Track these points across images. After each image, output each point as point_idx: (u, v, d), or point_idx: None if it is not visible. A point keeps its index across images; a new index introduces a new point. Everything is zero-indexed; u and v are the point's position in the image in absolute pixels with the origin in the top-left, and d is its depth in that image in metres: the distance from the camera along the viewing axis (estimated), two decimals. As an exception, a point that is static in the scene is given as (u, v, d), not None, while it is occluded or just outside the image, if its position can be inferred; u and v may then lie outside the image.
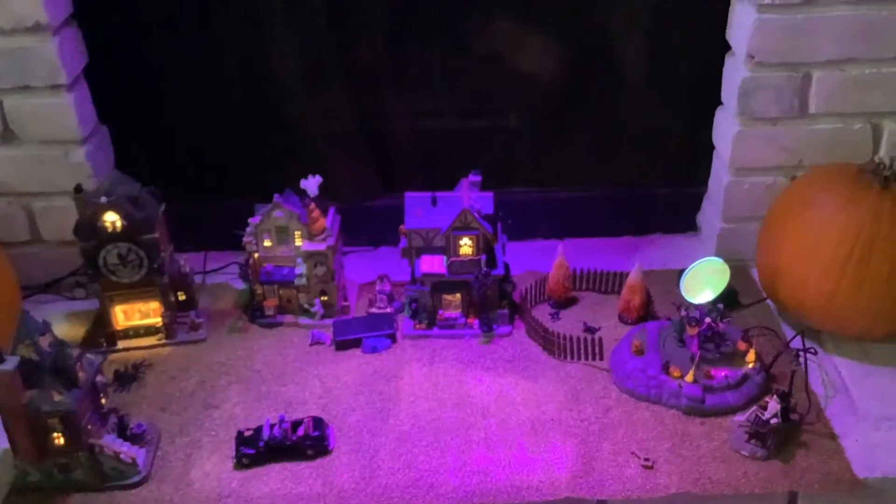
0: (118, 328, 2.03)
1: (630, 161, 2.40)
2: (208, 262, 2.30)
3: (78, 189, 1.90)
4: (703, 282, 1.84)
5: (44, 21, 1.92)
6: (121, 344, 2.03)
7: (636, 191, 2.42)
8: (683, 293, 1.84)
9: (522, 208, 2.40)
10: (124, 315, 2.04)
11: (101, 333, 2.03)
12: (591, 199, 2.43)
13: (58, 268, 2.19)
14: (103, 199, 1.87)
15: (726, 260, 2.20)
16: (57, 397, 1.58)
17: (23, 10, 1.91)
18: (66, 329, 2.11)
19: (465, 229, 1.95)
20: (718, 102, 2.20)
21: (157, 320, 2.04)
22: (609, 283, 2.17)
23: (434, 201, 2.00)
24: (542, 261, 2.23)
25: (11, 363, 1.54)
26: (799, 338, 1.92)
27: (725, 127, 2.14)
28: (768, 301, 2.08)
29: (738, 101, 2.04)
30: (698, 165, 2.33)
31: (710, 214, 2.28)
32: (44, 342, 1.60)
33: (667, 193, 2.42)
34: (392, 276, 2.16)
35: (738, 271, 2.15)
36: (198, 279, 2.23)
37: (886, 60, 1.99)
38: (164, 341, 2.04)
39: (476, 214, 1.94)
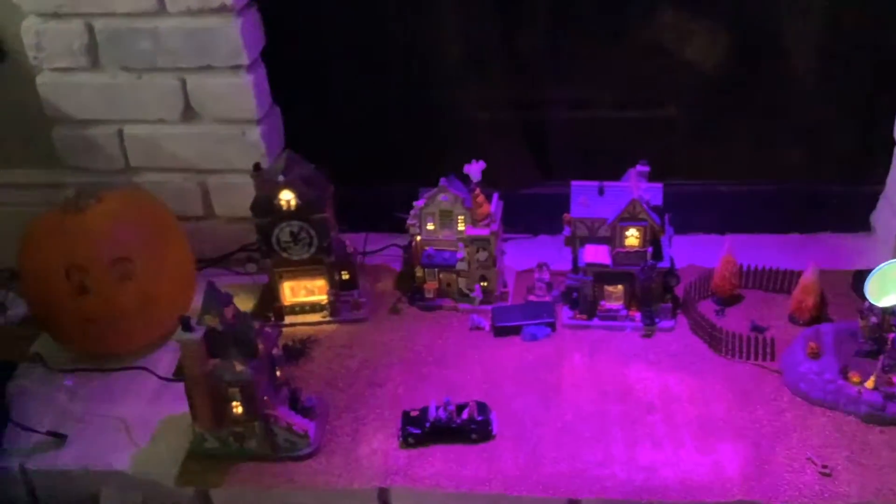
0: (285, 304, 2.09)
1: (799, 154, 2.31)
2: (368, 244, 2.34)
3: (256, 167, 1.96)
4: (890, 284, 1.75)
5: (228, 2, 1.98)
6: (287, 319, 2.08)
7: (805, 186, 2.32)
8: (868, 295, 1.75)
9: (683, 201, 2.32)
10: (291, 291, 2.09)
11: (269, 308, 2.09)
12: (755, 193, 2.35)
13: (227, 243, 2.27)
14: (280, 178, 1.92)
15: (903, 263, 2.10)
16: (238, 367, 1.64)
17: (209, -8, 1.98)
18: (235, 302, 2.18)
19: (632, 220, 1.91)
20: (902, 95, 2.09)
21: (322, 298, 2.08)
22: (778, 282, 2.09)
23: (601, 190, 1.98)
24: (704, 255, 2.18)
25: (199, 332, 1.61)
26: None
27: (912, 121, 2.03)
28: (953, 308, 1.96)
29: (930, 95, 1.93)
30: (874, 161, 2.22)
31: (888, 214, 2.17)
32: (228, 313, 1.65)
33: (839, 191, 2.31)
34: (550, 265, 2.14)
35: (918, 275, 2.04)
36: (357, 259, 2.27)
37: None
38: (328, 319, 2.08)
39: (645, 205, 1.90)
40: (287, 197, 1.95)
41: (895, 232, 2.12)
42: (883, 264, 1.76)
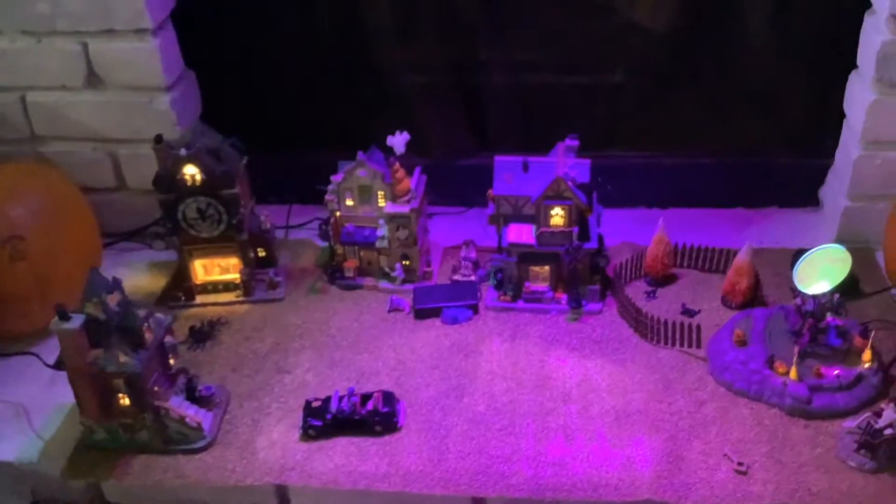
0: (197, 282, 1.99)
1: (747, 126, 2.19)
2: (293, 216, 2.23)
3: (158, 139, 1.85)
4: (820, 271, 1.65)
5: (129, -39, 1.85)
6: (199, 299, 1.99)
7: (752, 159, 2.21)
8: (796, 282, 1.66)
9: (624, 173, 2.25)
10: (204, 269, 1.99)
11: (180, 287, 1.99)
12: (701, 165, 2.24)
13: (142, 216, 2.16)
14: (182, 152, 1.81)
15: (850, 241, 2.00)
16: (122, 358, 1.54)
17: (108, -48, 1.85)
18: (148, 280, 2.09)
19: (557, 199, 1.81)
20: (853, 66, 1.97)
21: (236, 276, 1.98)
22: (714, 261, 1.99)
23: (525, 166, 1.87)
24: (642, 231, 2.08)
25: (76, 322, 1.51)
26: (927, 337, 1.71)
27: (859, 94, 1.91)
28: (894, 291, 1.87)
29: (877, 67, 1.81)
30: (825, 135, 2.11)
31: (835, 190, 2.07)
32: (112, 301, 1.55)
33: (787, 164, 2.20)
34: (479, 242, 2.04)
35: (863, 255, 1.95)
36: (281, 234, 2.17)
37: None
38: (241, 298, 1.99)
39: (570, 183, 1.79)
40: (191, 171, 1.84)
41: (842, 209, 2.02)
42: (812, 250, 1.65)
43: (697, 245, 2.00)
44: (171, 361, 1.66)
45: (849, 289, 1.86)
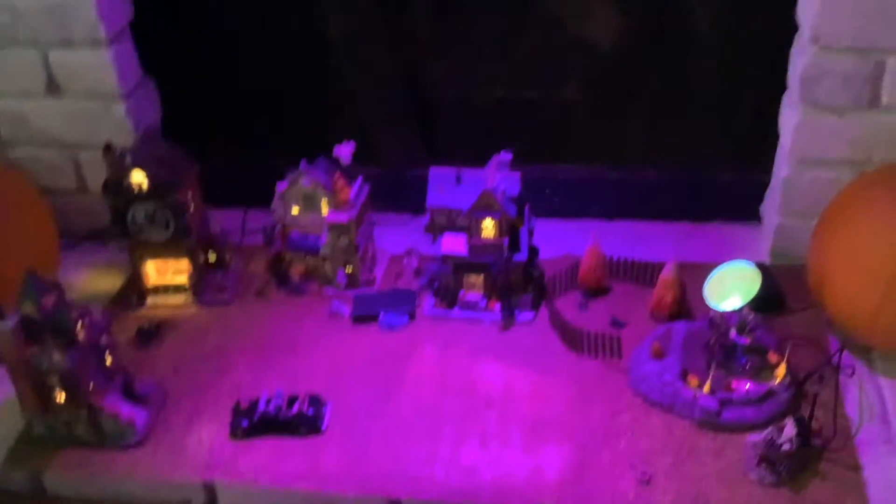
0: (150, 285, 2.07)
1: (693, 141, 2.23)
2: (252, 221, 2.30)
3: (107, 148, 1.93)
4: (731, 287, 1.69)
5: (84, -25, 1.94)
6: (150, 301, 2.07)
7: (698, 174, 2.26)
8: (707, 298, 1.70)
9: (572, 185, 2.30)
10: (157, 272, 2.07)
11: (133, 289, 2.07)
12: (647, 180, 2.29)
13: (103, 218, 2.22)
14: (127, 160, 1.89)
15: (784, 258, 2.06)
16: (55, 356, 1.62)
17: (64, -34, 1.93)
18: (106, 280, 2.17)
19: (486, 210, 1.87)
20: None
21: (186, 280, 2.06)
22: (648, 275, 2.03)
23: (459, 178, 1.93)
24: (586, 243, 2.12)
25: (11, 321, 1.59)
26: (841, 354, 1.75)
27: (789, 114, 1.95)
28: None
29: (801, 88, 1.85)
30: (768, 152, 2.14)
31: (770, 207, 2.11)
32: (47, 301, 1.63)
33: (731, 179, 2.25)
34: (424, 250, 2.11)
35: (794, 272, 1.99)
36: (238, 238, 2.24)
37: (976, 49, 1.76)
38: (190, 301, 2.06)
39: (499, 196, 1.85)
40: (138, 178, 1.91)
41: (774, 226, 2.06)
42: (721, 266, 1.70)
43: (634, 258, 2.05)
44: (108, 361, 1.74)
45: (774, 305, 1.92)
